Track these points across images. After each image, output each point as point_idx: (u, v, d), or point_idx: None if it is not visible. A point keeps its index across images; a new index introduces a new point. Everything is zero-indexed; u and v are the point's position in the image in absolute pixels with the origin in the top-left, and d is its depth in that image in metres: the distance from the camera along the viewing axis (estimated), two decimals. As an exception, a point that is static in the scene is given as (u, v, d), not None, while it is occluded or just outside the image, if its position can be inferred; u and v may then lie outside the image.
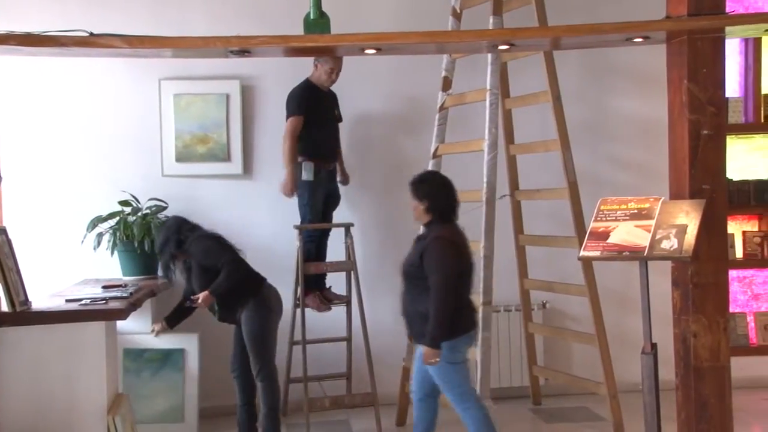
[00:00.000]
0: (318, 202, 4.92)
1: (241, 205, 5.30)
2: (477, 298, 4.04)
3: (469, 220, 4.86)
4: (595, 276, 4.72)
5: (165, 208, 4.98)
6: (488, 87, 4.55)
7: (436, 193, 3.73)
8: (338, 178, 5.14)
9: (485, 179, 4.50)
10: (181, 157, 5.23)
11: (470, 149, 4.77)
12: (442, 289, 3.53)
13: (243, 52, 3.49)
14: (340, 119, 5.14)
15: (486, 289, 4.43)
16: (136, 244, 4.76)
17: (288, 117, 4.87)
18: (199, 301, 4.27)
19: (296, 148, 4.86)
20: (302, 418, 4.76)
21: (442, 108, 4.98)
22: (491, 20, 4.56)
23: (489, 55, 4.53)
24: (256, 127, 5.34)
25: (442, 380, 3.68)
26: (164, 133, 5.22)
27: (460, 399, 3.69)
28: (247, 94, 5.31)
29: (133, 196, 4.99)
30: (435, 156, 4.98)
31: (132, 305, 3.83)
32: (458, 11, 4.94)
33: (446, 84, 4.98)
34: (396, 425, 4.94)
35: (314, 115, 4.89)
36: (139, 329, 4.71)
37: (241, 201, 5.31)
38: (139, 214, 4.88)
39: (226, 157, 5.27)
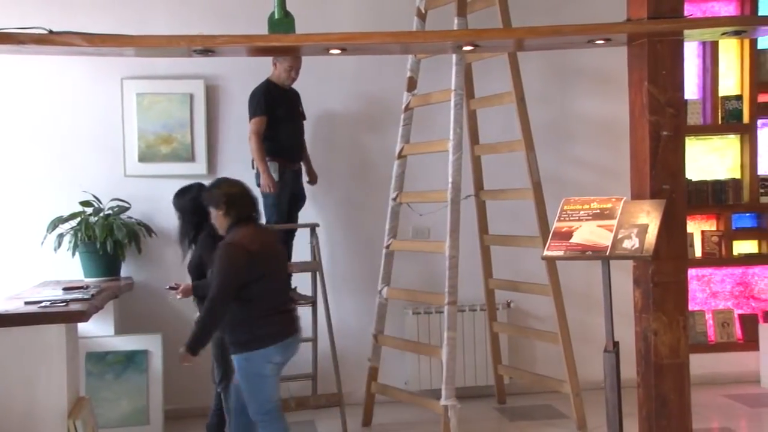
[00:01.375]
0: (283, 203, 4.90)
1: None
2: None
3: (435, 220, 4.92)
4: (558, 275, 4.78)
5: (127, 209, 4.93)
6: (453, 88, 4.58)
7: (230, 196, 3.63)
8: (306, 179, 5.13)
9: (450, 179, 4.52)
10: (144, 157, 5.17)
11: (435, 149, 4.79)
12: (213, 299, 3.42)
13: (207, 52, 3.46)
14: (304, 117, 5.13)
15: (451, 289, 4.45)
16: (98, 245, 4.70)
17: (251, 118, 4.86)
18: (179, 290, 4.14)
19: (263, 147, 4.84)
20: (268, 419, 4.73)
21: (407, 108, 5.00)
22: (456, 21, 4.59)
23: (453, 56, 4.55)
24: (220, 127, 5.30)
25: (244, 388, 3.58)
26: (127, 132, 5.16)
27: (258, 410, 3.58)
28: (211, 93, 5.27)
29: (95, 197, 4.92)
30: (400, 156, 4.99)
31: (94, 307, 3.78)
32: (423, 12, 4.96)
33: (411, 84, 5.00)
34: (362, 425, 4.94)
35: (277, 114, 4.87)
36: (101, 332, 4.64)
37: (205, 201, 5.26)
38: (101, 214, 4.81)
39: (190, 158, 5.23)
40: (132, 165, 5.17)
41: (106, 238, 4.68)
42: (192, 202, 4.16)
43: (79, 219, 4.79)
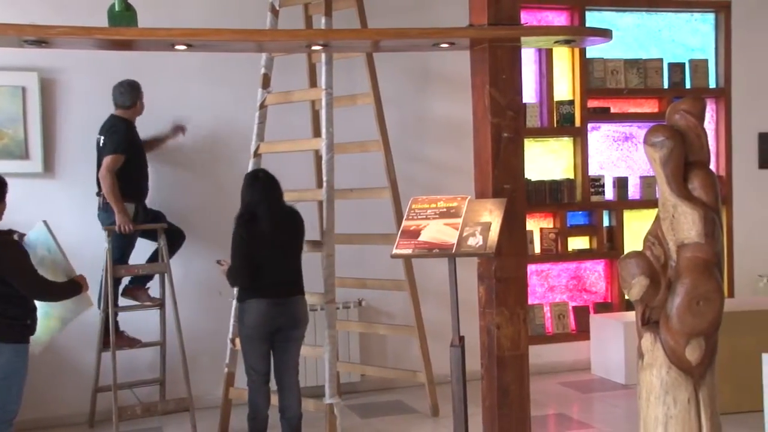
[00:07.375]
0: (133, 243, 4.87)
1: (43, 206, 4.93)
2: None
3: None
4: (414, 271, 4.91)
5: (-48, 210, 4.55)
6: (323, 87, 4.57)
7: None
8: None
9: (325, 178, 4.54)
10: (-30, 154, 4.81)
11: (300, 148, 4.77)
12: None
13: (40, 43, 3.25)
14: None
15: (329, 288, 4.47)
16: None
17: (111, 152, 4.65)
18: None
19: (117, 184, 4.66)
20: (111, 427, 4.53)
21: (262, 106, 4.91)
22: (323, 21, 4.59)
23: (323, 56, 4.55)
24: (58, 123, 5.01)
25: None
26: (-50, 127, 4.79)
27: None
28: (47, 87, 4.98)
29: None
30: (255, 155, 4.91)
31: None
32: (276, 8, 4.90)
33: (266, 81, 4.93)
34: (218, 432, 4.82)
35: (135, 153, 4.76)
36: None
37: (42, 201, 4.96)
38: None
39: (24, 155, 4.92)
40: (-44, 162, 4.79)
41: (-73, 242, 4.29)
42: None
43: None
